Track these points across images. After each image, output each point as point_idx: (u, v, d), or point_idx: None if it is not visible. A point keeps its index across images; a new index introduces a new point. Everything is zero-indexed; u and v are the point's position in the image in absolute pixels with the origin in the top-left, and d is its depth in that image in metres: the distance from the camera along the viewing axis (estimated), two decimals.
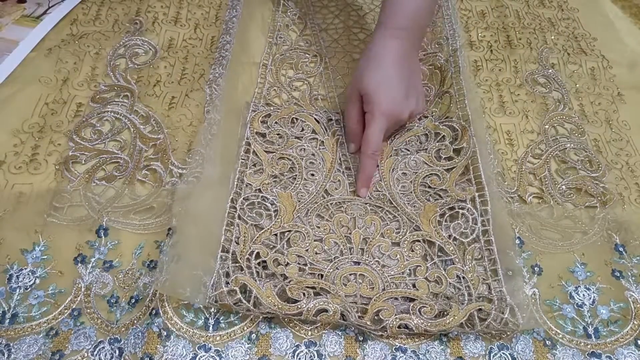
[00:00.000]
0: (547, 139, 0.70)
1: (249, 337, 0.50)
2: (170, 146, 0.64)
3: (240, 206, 0.57)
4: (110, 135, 0.65)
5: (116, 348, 0.49)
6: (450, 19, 0.85)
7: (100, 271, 0.53)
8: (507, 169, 0.67)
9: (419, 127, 0.68)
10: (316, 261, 0.54)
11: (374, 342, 0.51)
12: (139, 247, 0.56)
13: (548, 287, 0.56)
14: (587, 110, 0.76)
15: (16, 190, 0.58)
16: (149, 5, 0.85)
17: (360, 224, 0.58)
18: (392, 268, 0.54)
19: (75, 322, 0.50)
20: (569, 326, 0.54)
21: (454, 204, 0.59)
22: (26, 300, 0.51)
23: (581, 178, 0.66)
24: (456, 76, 0.73)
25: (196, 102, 0.70)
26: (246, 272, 0.52)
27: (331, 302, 0.49)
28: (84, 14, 0.82)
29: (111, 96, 0.70)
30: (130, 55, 0.76)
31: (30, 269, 0.53)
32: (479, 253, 0.56)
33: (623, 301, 0.56)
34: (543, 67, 0.82)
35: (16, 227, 0.55)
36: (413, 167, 0.64)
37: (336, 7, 0.89)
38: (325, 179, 0.62)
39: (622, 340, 0.53)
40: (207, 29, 0.83)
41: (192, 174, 0.59)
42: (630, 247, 0.60)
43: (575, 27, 0.90)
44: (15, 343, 0.48)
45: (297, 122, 0.67)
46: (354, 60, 0.79)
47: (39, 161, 0.61)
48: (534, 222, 0.61)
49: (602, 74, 0.82)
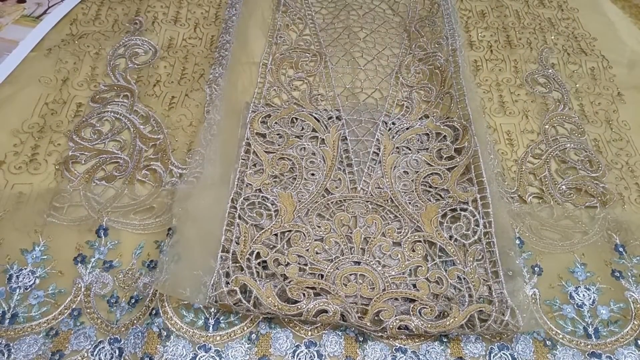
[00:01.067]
0: (547, 139, 0.70)
1: (249, 337, 0.50)
2: (170, 146, 0.64)
3: (241, 206, 0.57)
4: (110, 135, 0.65)
5: (116, 348, 0.49)
6: (450, 19, 0.85)
7: (100, 271, 0.53)
8: (507, 169, 0.67)
9: (420, 127, 0.68)
10: (316, 261, 0.54)
11: (374, 342, 0.51)
12: (139, 247, 0.56)
13: (548, 287, 0.56)
14: (587, 110, 0.76)
15: (16, 190, 0.58)
16: (148, 5, 0.84)
17: (361, 223, 0.58)
18: (393, 268, 0.54)
19: (75, 322, 0.50)
20: (569, 326, 0.54)
21: (455, 205, 0.59)
22: (26, 300, 0.51)
23: (581, 178, 0.66)
24: (456, 76, 0.73)
25: (196, 102, 0.70)
26: (246, 272, 0.52)
27: (331, 303, 0.49)
28: (84, 14, 0.81)
29: (111, 96, 0.70)
30: (130, 55, 0.76)
31: (30, 269, 0.53)
32: (480, 254, 0.56)
33: (623, 301, 0.56)
34: (543, 67, 0.82)
35: (16, 227, 0.55)
36: (414, 167, 0.64)
37: (336, 7, 0.89)
38: (326, 178, 0.62)
39: (622, 340, 0.53)
40: (207, 28, 0.83)
41: (192, 174, 0.59)
42: (630, 247, 0.60)
43: (575, 27, 0.90)
44: (15, 343, 0.48)
45: (297, 121, 0.67)
46: (354, 59, 0.79)
47: (39, 161, 0.61)
48: (534, 222, 0.61)
49: (602, 74, 0.82)
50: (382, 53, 0.81)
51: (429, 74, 0.76)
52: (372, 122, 0.69)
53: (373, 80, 0.76)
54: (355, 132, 0.68)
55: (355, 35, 0.83)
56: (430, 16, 0.86)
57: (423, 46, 0.80)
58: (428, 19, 0.86)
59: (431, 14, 0.87)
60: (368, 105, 0.72)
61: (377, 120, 0.69)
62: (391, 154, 0.65)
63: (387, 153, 0.65)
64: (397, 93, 0.74)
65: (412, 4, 0.90)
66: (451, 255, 0.55)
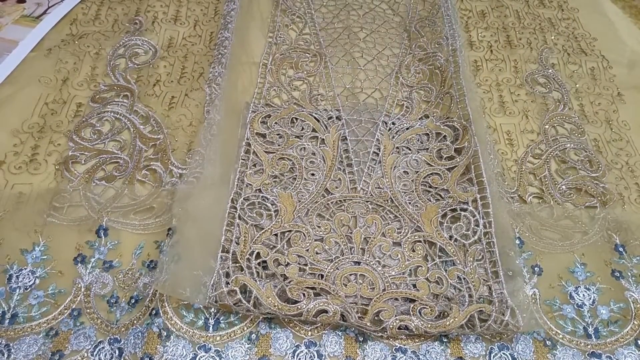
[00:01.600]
0: (547, 139, 0.70)
1: (249, 337, 0.50)
2: (170, 146, 0.64)
3: (241, 206, 0.57)
4: (110, 135, 0.65)
5: (116, 348, 0.49)
6: (450, 19, 0.85)
7: (100, 271, 0.53)
8: (507, 169, 0.67)
9: (420, 127, 0.68)
10: (316, 261, 0.54)
11: (374, 342, 0.51)
12: (139, 247, 0.56)
13: (548, 287, 0.56)
14: (587, 110, 0.76)
15: (16, 190, 0.58)
16: (148, 4, 0.84)
17: (361, 223, 0.58)
18: (393, 268, 0.54)
19: (75, 322, 0.50)
20: (569, 326, 0.54)
21: (455, 205, 0.59)
22: (26, 300, 0.51)
23: (581, 178, 0.66)
24: (456, 76, 0.73)
25: (196, 102, 0.70)
26: (246, 272, 0.52)
27: (331, 303, 0.49)
28: (84, 14, 0.81)
29: (111, 96, 0.70)
30: (130, 55, 0.76)
31: (30, 269, 0.53)
32: (480, 254, 0.56)
33: (623, 301, 0.56)
34: (543, 67, 0.82)
35: (16, 227, 0.55)
36: (414, 167, 0.64)
37: (336, 6, 0.89)
38: (326, 178, 0.62)
39: (622, 340, 0.53)
40: (207, 24, 0.83)
41: (192, 174, 0.59)
42: (630, 247, 0.60)
43: (575, 27, 0.90)
44: (15, 343, 0.48)
45: (297, 121, 0.67)
46: (354, 59, 0.79)
47: (39, 161, 0.61)
48: (534, 222, 0.61)
49: (602, 74, 0.82)
50: (382, 53, 0.81)
51: (429, 74, 0.76)
52: (372, 122, 0.69)
53: (373, 80, 0.76)
54: (355, 132, 0.68)
55: (355, 36, 0.83)
56: (430, 16, 0.86)
57: (423, 46, 0.80)
58: (428, 19, 0.86)
59: (431, 14, 0.87)
60: (368, 105, 0.72)
61: (377, 120, 0.69)
62: (391, 154, 0.65)
63: (387, 153, 0.65)
64: (397, 93, 0.74)
65: (412, 4, 0.90)
66: (451, 256, 0.55)
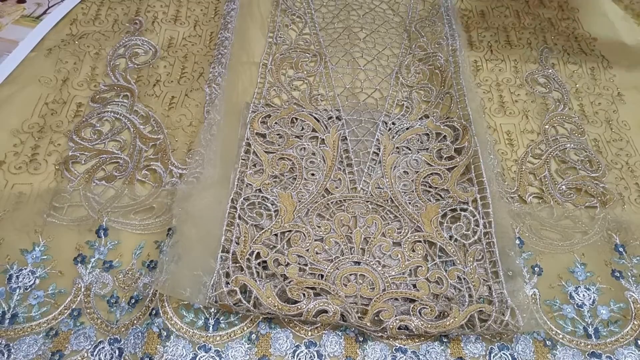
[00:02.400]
0: (547, 139, 0.70)
1: (249, 337, 0.50)
2: (170, 146, 0.64)
3: (241, 206, 0.57)
4: (110, 135, 0.65)
5: (116, 348, 0.49)
6: (450, 19, 0.85)
7: (100, 271, 0.53)
8: (507, 169, 0.67)
9: (420, 127, 0.68)
10: (316, 261, 0.54)
11: (374, 342, 0.51)
12: (139, 247, 0.56)
13: (548, 287, 0.56)
14: (587, 110, 0.76)
15: (16, 190, 0.58)
16: (148, 4, 0.84)
17: (361, 223, 0.58)
18: (393, 268, 0.54)
19: (75, 322, 0.50)
20: (569, 326, 0.54)
21: (455, 205, 0.59)
22: (26, 300, 0.51)
23: (581, 178, 0.66)
24: (456, 76, 0.73)
25: (196, 102, 0.70)
26: (246, 272, 0.52)
27: (331, 303, 0.49)
28: (84, 14, 0.81)
29: (111, 96, 0.70)
30: (130, 55, 0.76)
31: (30, 269, 0.53)
32: (480, 254, 0.56)
33: (623, 301, 0.56)
34: (543, 67, 0.82)
35: (16, 227, 0.55)
36: (414, 167, 0.64)
37: (336, 6, 0.89)
38: (326, 178, 0.62)
39: (622, 340, 0.53)
40: (207, 24, 0.83)
41: (192, 174, 0.59)
42: (630, 247, 0.60)
43: (575, 27, 0.90)
44: (15, 343, 0.48)
45: (297, 121, 0.67)
46: (354, 59, 0.79)
47: (39, 161, 0.61)
48: (534, 222, 0.61)
49: (602, 74, 0.82)
50: (382, 53, 0.81)
51: (429, 74, 0.76)
52: (372, 122, 0.69)
53: (373, 80, 0.76)
54: (355, 132, 0.68)
55: (355, 36, 0.83)
56: (430, 16, 0.87)
57: (423, 46, 0.80)
58: (428, 19, 0.86)
59: (431, 14, 0.87)
60: (368, 105, 0.72)
61: (377, 120, 0.69)
62: (391, 154, 0.65)
63: (387, 153, 0.65)
64: (397, 93, 0.74)
65: (412, 4, 0.90)
66: (451, 256, 0.55)
